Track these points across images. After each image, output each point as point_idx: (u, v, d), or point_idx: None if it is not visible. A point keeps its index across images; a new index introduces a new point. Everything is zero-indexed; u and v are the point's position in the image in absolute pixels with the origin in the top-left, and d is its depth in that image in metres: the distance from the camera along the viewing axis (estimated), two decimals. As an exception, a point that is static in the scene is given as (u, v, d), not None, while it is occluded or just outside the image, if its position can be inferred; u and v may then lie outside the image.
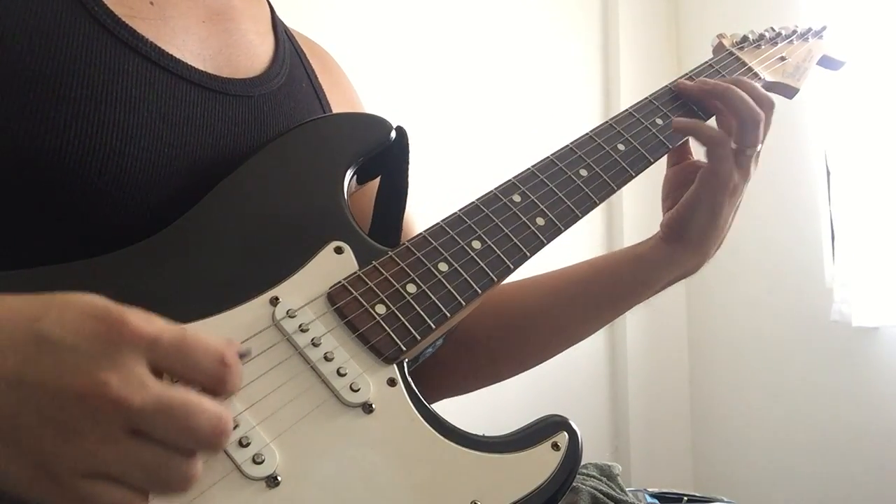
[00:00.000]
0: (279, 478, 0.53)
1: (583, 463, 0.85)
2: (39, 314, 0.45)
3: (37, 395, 0.43)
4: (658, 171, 0.86)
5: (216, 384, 0.47)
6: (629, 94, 2.48)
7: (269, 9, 0.84)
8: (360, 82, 0.95)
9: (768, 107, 0.79)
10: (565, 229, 0.72)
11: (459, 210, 0.70)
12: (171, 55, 0.68)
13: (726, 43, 0.94)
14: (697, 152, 0.84)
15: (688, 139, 0.83)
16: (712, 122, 0.83)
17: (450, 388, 0.85)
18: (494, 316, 0.82)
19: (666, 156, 0.83)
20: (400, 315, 0.62)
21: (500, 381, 0.86)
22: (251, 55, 0.76)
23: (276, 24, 0.82)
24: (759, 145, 0.78)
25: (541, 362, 0.85)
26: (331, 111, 0.82)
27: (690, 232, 0.79)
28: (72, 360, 0.43)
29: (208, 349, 0.47)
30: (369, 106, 0.92)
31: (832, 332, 2.20)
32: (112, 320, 0.45)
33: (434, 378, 0.81)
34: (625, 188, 0.79)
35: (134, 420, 0.44)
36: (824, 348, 2.26)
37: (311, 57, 0.85)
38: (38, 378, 0.43)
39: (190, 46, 0.70)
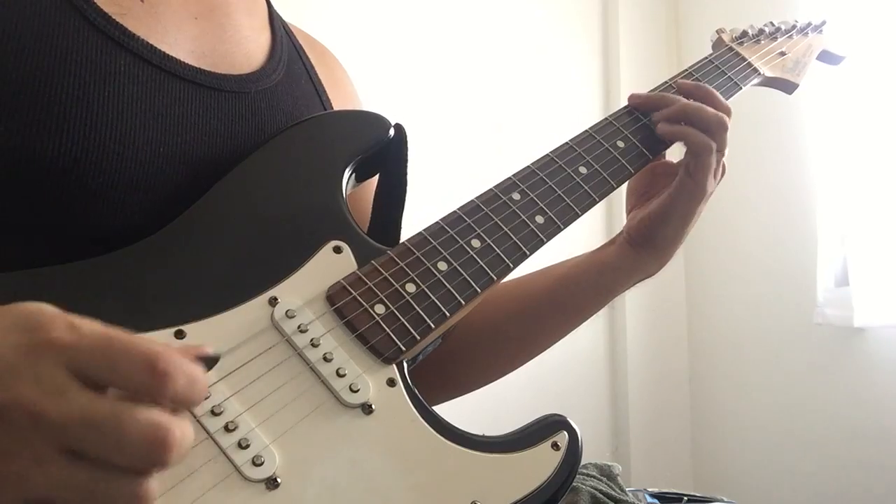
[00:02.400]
0: (279, 479, 0.53)
1: (583, 463, 0.85)
2: None
3: None
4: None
5: (148, 392, 0.42)
6: (629, 92, 2.48)
7: (265, 3, 0.83)
8: (360, 81, 0.95)
9: (726, 109, 0.80)
10: (565, 227, 0.72)
11: (458, 209, 0.70)
12: (164, 52, 0.67)
13: (726, 38, 0.94)
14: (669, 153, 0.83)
15: (635, 176, 0.82)
16: None
17: (428, 396, 0.84)
18: (463, 328, 0.80)
19: None
20: (399, 315, 0.62)
21: (475, 389, 0.86)
22: (247, 51, 0.75)
23: (274, 19, 0.82)
24: (726, 150, 0.78)
25: (507, 373, 0.85)
26: (331, 107, 0.81)
27: (659, 238, 0.79)
28: None
29: (134, 354, 0.42)
30: (369, 104, 0.91)
31: (832, 332, 2.20)
32: (34, 329, 0.42)
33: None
34: (624, 186, 0.78)
35: (60, 436, 0.40)
36: (824, 349, 2.26)
37: (310, 52, 0.85)
38: None
39: (182, 43, 0.70)
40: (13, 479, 0.40)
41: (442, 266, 0.66)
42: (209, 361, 0.46)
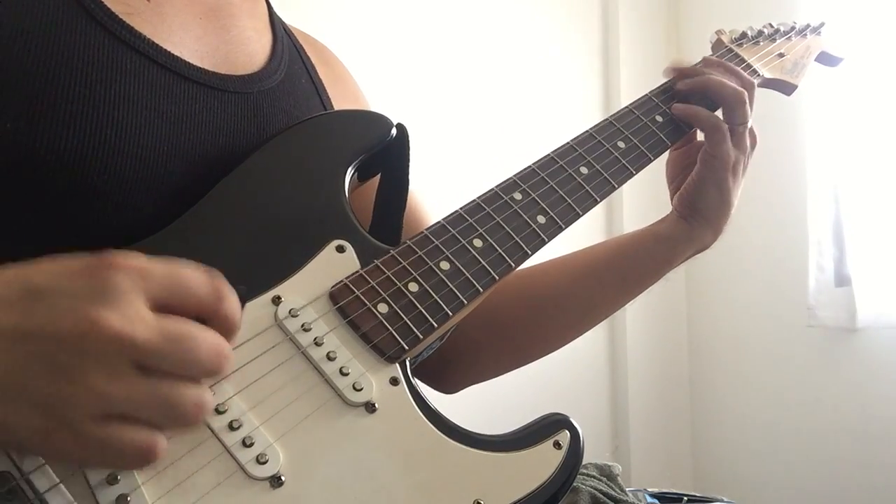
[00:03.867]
0: (283, 477, 0.53)
1: (583, 463, 0.85)
2: (28, 271, 0.45)
3: (38, 344, 0.43)
4: (659, 170, 0.87)
5: (212, 310, 0.47)
6: (629, 94, 2.47)
7: (266, 5, 0.83)
8: (362, 81, 0.95)
9: (748, 85, 0.85)
10: (566, 227, 0.73)
11: (460, 208, 0.70)
12: (169, 52, 0.67)
13: (725, 39, 0.94)
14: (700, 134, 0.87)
15: (687, 132, 0.86)
16: None
17: (480, 371, 0.88)
18: (522, 299, 0.85)
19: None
20: (402, 314, 0.62)
21: (529, 361, 0.89)
22: (249, 51, 0.75)
23: (274, 20, 0.82)
24: (749, 121, 0.83)
25: (567, 342, 0.89)
26: (331, 106, 0.82)
27: (702, 209, 0.84)
28: (67, 303, 0.43)
29: (200, 278, 0.47)
30: (371, 103, 0.92)
31: (833, 332, 2.20)
32: (100, 262, 0.45)
33: (465, 363, 0.85)
34: (625, 186, 0.79)
35: (138, 354, 0.44)
36: (825, 349, 2.26)
37: (310, 52, 0.85)
38: (36, 328, 0.43)
39: (187, 43, 0.70)
40: (92, 394, 0.43)
41: (444, 265, 0.66)
42: (241, 297, 0.51)
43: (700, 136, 0.86)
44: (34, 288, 0.44)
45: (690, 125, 0.84)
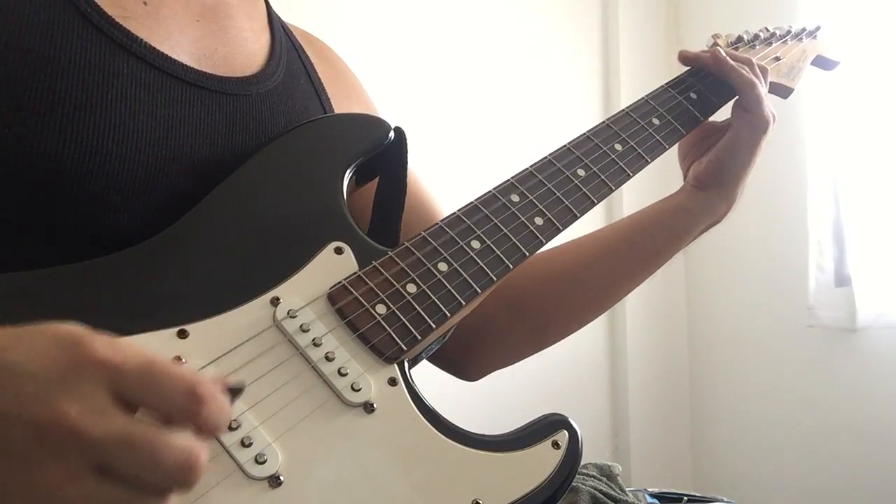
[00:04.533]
0: (281, 477, 0.53)
1: (583, 463, 0.85)
2: (10, 344, 0.43)
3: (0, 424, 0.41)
4: (658, 171, 0.87)
5: (186, 417, 0.43)
6: (629, 94, 2.48)
7: (265, 5, 0.83)
8: (362, 82, 0.95)
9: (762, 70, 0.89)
10: (563, 229, 0.73)
11: (458, 210, 0.71)
12: (166, 55, 0.67)
13: (721, 43, 0.94)
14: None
15: (684, 135, 0.86)
16: None
17: (505, 354, 0.89)
18: (544, 278, 0.86)
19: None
20: (400, 315, 0.63)
21: (551, 343, 0.89)
22: (247, 53, 0.75)
23: (273, 20, 0.82)
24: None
25: (590, 320, 0.89)
26: (330, 107, 0.82)
27: (728, 174, 0.85)
28: (32, 388, 0.41)
29: (176, 380, 0.43)
30: (373, 101, 0.92)
31: (833, 332, 2.20)
32: (76, 347, 0.43)
33: (489, 346, 0.86)
34: (624, 186, 0.79)
35: (96, 454, 0.41)
36: (825, 349, 2.26)
37: (309, 51, 0.85)
38: (1, 408, 0.41)
39: (184, 46, 0.70)
40: (45, 491, 0.41)
41: (442, 267, 0.66)
42: (235, 392, 0.48)
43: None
44: (9, 366, 0.42)
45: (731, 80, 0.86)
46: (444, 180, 1.86)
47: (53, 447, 0.41)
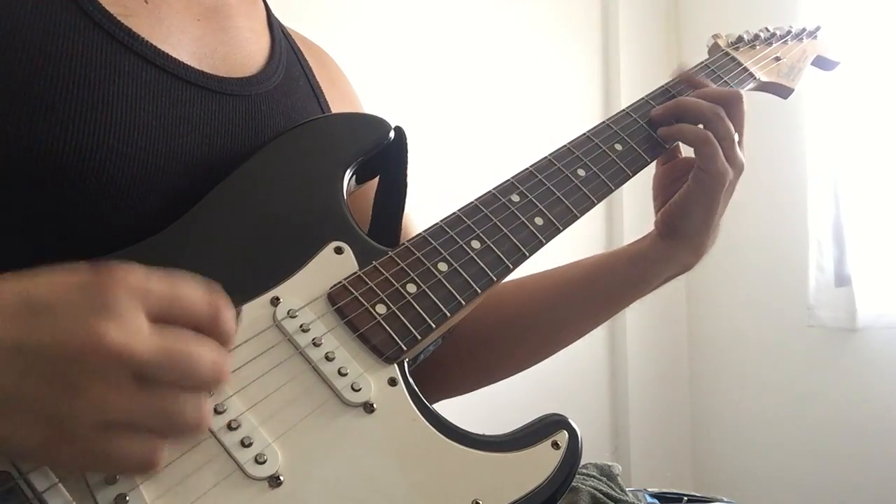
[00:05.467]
0: (281, 477, 0.53)
1: (583, 463, 0.85)
2: (27, 283, 0.45)
3: (39, 358, 0.43)
4: (657, 170, 0.87)
5: (210, 325, 0.48)
6: (629, 94, 2.48)
7: (264, 7, 0.84)
8: (361, 82, 0.95)
9: (727, 98, 0.81)
10: (564, 229, 0.73)
11: (459, 210, 0.71)
12: (167, 54, 0.68)
13: (721, 43, 0.94)
14: (685, 150, 0.85)
15: (658, 176, 0.85)
16: None
17: (450, 388, 0.86)
18: (494, 315, 0.83)
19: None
20: (400, 315, 0.63)
21: (496, 381, 0.88)
22: (247, 53, 0.76)
23: (272, 23, 0.82)
24: (736, 135, 0.80)
25: (539, 361, 0.87)
26: (329, 108, 0.82)
27: (686, 229, 0.80)
28: (67, 316, 0.44)
29: (197, 292, 0.48)
30: (370, 106, 0.92)
31: (833, 332, 2.20)
32: (99, 271, 0.45)
33: (434, 379, 0.81)
34: (624, 186, 0.79)
35: (138, 367, 0.44)
36: (825, 349, 2.26)
37: (308, 55, 0.85)
38: (36, 342, 0.43)
39: (185, 45, 0.70)
40: (92, 407, 0.44)
41: (442, 267, 0.66)
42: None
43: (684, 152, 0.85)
44: (34, 302, 0.44)
45: (680, 142, 0.82)
46: (445, 180, 1.86)
47: (96, 366, 0.43)
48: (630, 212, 2.45)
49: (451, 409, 0.67)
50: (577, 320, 0.85)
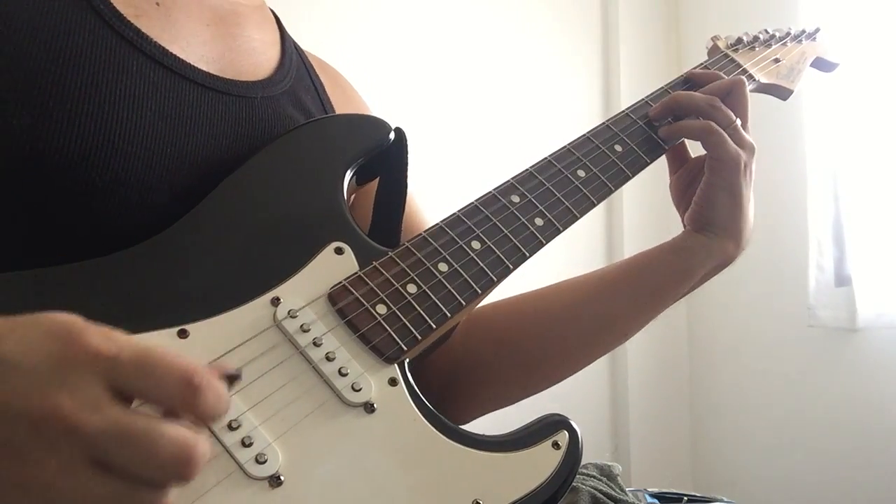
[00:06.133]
0: (282, 477, 0.53)
1: (583, 463, 0.85)
2: (4, 335, 0.43)
3: None
4: (658, 170, 0.87)
5: (183, 407, 0.43)
6: (629, 95, 2.48)
7: (276, 23, 0.84)
8: (362, 83, 0.95)
9: (727, 88, 0.82)
10: (564, 229, 0.73)
11: (459, 211, 0.71)
12: (175, 55, 0.68)
13: (721, 45, 0.95)
14: (694, 150, 0.85)
15: (682, 140, 0.85)
16: None
17: (493, 395, 0.83)
18: (535, 313, 0.82)
19: (667, 160, 0.85)
20: (401, 315, 0.63)
21: (540, 388, 0.84)
22: (254, 61, 0.76)
23: (284, 38, 0.83)
24: (737, 120, 0.80)
25: (582, 365, 0.83)
26: None
27: (717, 219, 0.79)
28: (26, 382, 0.41)
29: (172, 369, 0.43)
30: (371, 107, 0.92)
31: (833, 332, 2.20)
32: (70, 339, 0.42)
33: (475, 384, 0.81)
34: (624, 187, 0.79)
35: (91, 448, 0.41)
36: (825, 349, 2.26)
37: (321, 74, 0.86)
38: None
39: (194, 47, 0.71)
40: (41, 486, 0.41)
41: (443, 267, 0.66)
42: (232, 378, 0.47)
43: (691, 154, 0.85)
44: (3, 359, 0.42)
45: (684, 138, 0.82)
46: (445, 181, 1.86)
47: (48, 441, 0.40)
48: (630, 212, 2.45)
49: (451, 409, 0.67)
50: (620, 315, 0.83)
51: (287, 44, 0.82)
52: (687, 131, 0.81)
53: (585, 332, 0.82)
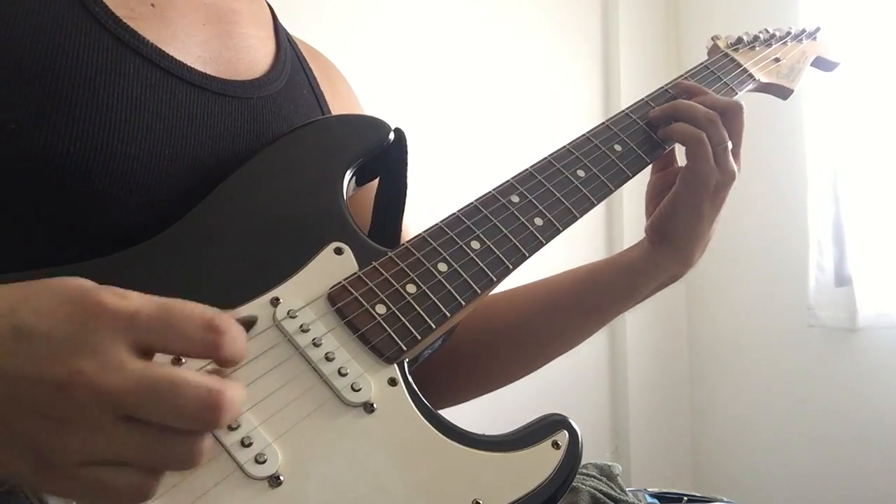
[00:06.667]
0: (281, 477, 0.53)
1: (583, 463, 0.85)
2: (17, 304, 0.43)
3: (20, 387, 0.42)
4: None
5: (208, 352, 0.44)
6: (629, 94, 2.49)
7: (271, 15, 0.84)
8: (362, 84, 0.95)
9: (724, 107, 0.80)
10: (563, 229, 0.73)
11: (458, 211, 0.71)
12: (172, 57, 0.68)
13: (721, 44, 0.95)
14: (682, 159, 0.85)
15: (652, 181, 0.85)
16: None
17: (439, 398, 0.81)
18: (482, 328, 0.82)
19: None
20: (400, 315, 0.63)
21: (485, 392, 0.87)
22: (251, 58, 0.76)
23: (279, 31, 0.83)
24: (728, 143, 0.79)
25: (528, 373, 0.86)
26: (331, 114, 0.82)
27: (674, 233, 0.79)
28: (47, 348, 0.42)
29: (192, 317, 0.44)
30: (371, 107, 0.92)
31: (833, 332, 2.21)
32: (86, 301, 0.43)
33: (424, 388, 0.81)
34: (624, 187, 0.79)
35: (119, 407, 0.42)
36: (825, 349, 2.26)
37: (313, 65, 0.86)
38: (18, 370, 0.42)
39: (190, 48, 0.71)
40: (76, 445, 0.42)
41: (442, 267, 0.66)
42: (248, 323, 0.48)
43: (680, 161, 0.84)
44: (20, 327, 0.43)
45: (675, 142, 0.82)
46: (444, 181, 1.86)
47: (76, 404, 0.42)
48: (630, 212, 2.45)
49: (450, 408, 0.68)
50: (566, 328, 0.85)
51: (281, 37, 0.82)
52: (679, 135, 0.80)
53: (527, 347, 0.85)
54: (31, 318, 0.43)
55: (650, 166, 0.83)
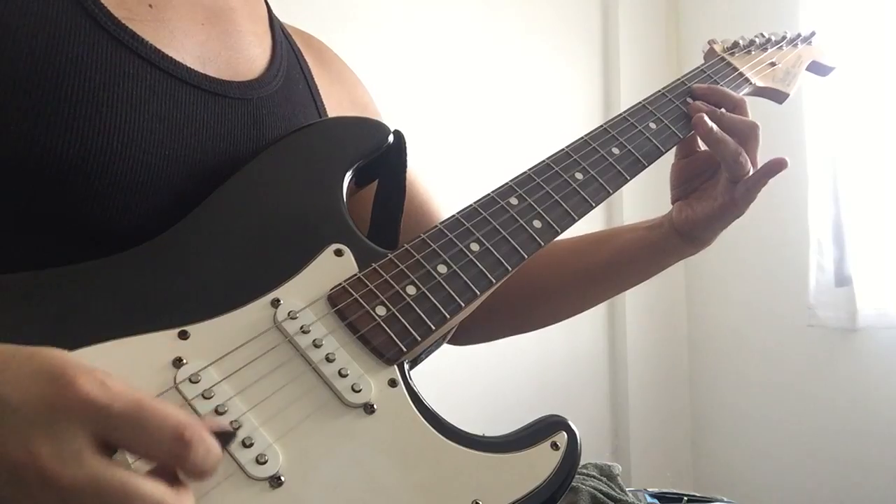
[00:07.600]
0: (282, 478, 0.54)
1: (583, 463, 0.86)
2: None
3: None
4: (656, 174, 0.87)
5: (173, 462, 0.43)
6: (629, 95, 2.49)
7: (266, 7, 0.84)
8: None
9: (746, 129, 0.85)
10: (562, 231, 0.73)
11: (458, 213, 0.71)
12: (171, 57, 0.68)
13: (717, 48, 0.95)
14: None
15: (681, 139, 0.85)
16: None
17: (478, 333, 0.95)
18: (527, 280, 0.88)
19: (676, 147, 0.88)
20: (400, 316, 0.63)
21: (522, 332, 0.97)
22: (249, 57, 0.76)
23: (273, 23, 0.83)
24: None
25: (556, 321, 0.97)
26: (325, 113, 0.82)
27: (703, 238, 0.88)
28: (12, 424, 0.41)
29: (164, 424, 0.42)
30: (373, 98, 0.92)
31: (833, 332, 2.21)
32: (61, 382, 0.42)
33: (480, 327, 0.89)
34: (624, 189, 0.80)
35: (65, 497, 0.40)
36: (825, 349, 2.26)
37: (307, 54, 0.86)
38: None
39: (189, 49, 0.71)
40: None
41: (442, 269, 0.67)
42: (225, 437, 0.47)
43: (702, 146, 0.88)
44: None
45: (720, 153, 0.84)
46: (444, 182, 1.86)
47: (26, 487, 0.40)
48: (629, 213, 2.46)
49: (451, 409, 0.68)
50: (597, 292, 0.94)
51: (276, 30, 0.82)
52: (725, 150, 0.83)
53: (564, 299, 0.95)
54: (5, 388, 0.42)
55: (648, 168, 0.83)
